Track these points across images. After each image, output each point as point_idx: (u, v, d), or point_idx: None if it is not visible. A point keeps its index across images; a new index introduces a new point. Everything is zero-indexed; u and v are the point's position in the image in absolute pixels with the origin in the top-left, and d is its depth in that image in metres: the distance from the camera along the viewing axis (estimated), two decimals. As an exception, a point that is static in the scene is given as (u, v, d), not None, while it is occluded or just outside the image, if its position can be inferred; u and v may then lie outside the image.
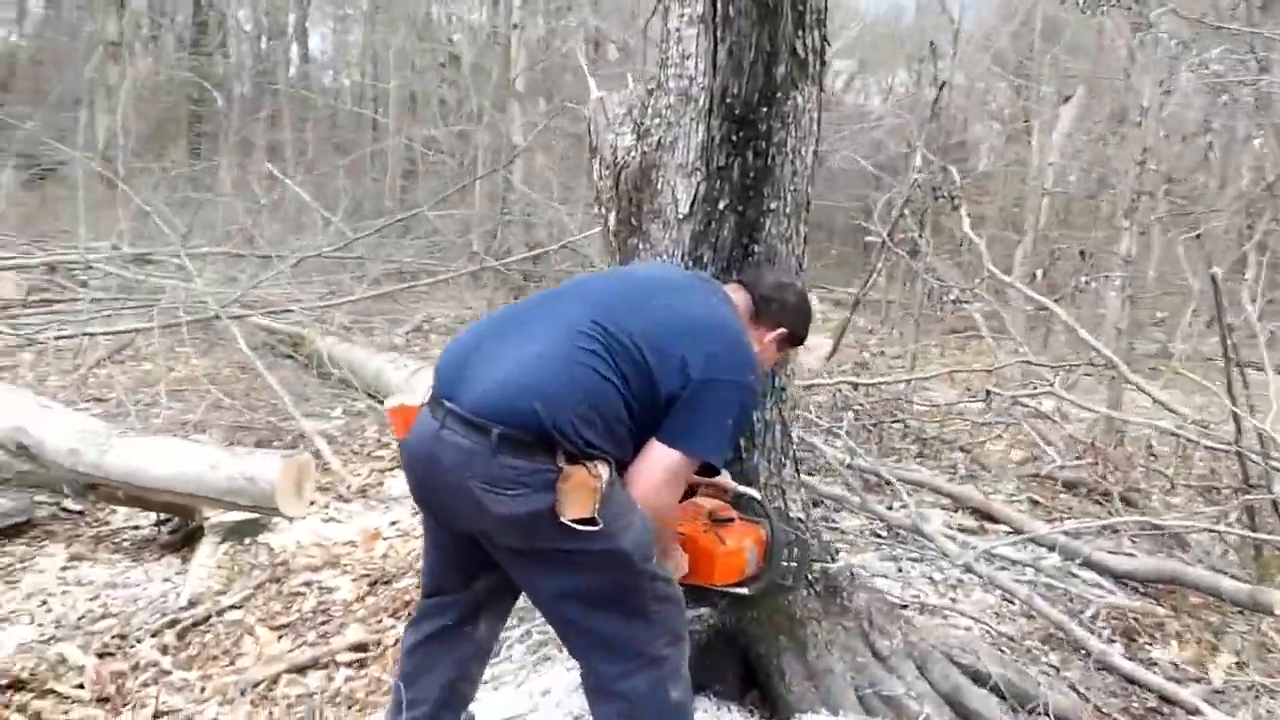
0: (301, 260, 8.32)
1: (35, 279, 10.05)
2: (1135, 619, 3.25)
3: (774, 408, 2.55)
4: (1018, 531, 3.81)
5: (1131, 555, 3.64)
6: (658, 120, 2.47)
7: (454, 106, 16.42)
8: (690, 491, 2.42)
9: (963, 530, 3.92)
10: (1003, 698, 2.55)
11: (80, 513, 4.14)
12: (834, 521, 3.88)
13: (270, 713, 2.64)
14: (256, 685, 2.76)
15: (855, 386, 4.94)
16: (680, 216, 2.43)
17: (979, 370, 5.61)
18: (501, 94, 12.73)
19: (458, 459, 1.82)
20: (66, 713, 2.60)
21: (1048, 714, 2.52)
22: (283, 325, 7.88)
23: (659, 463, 1.90)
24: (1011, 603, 3.31)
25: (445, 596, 2.13)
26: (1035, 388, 4.86)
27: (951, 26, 9.54)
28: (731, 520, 2.28)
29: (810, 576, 2.51)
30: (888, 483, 3.83)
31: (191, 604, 3.27)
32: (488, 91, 13.45)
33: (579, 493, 1.79)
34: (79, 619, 3.20)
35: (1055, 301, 5.06)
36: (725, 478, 2.40)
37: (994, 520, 4.03)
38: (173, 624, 3.13)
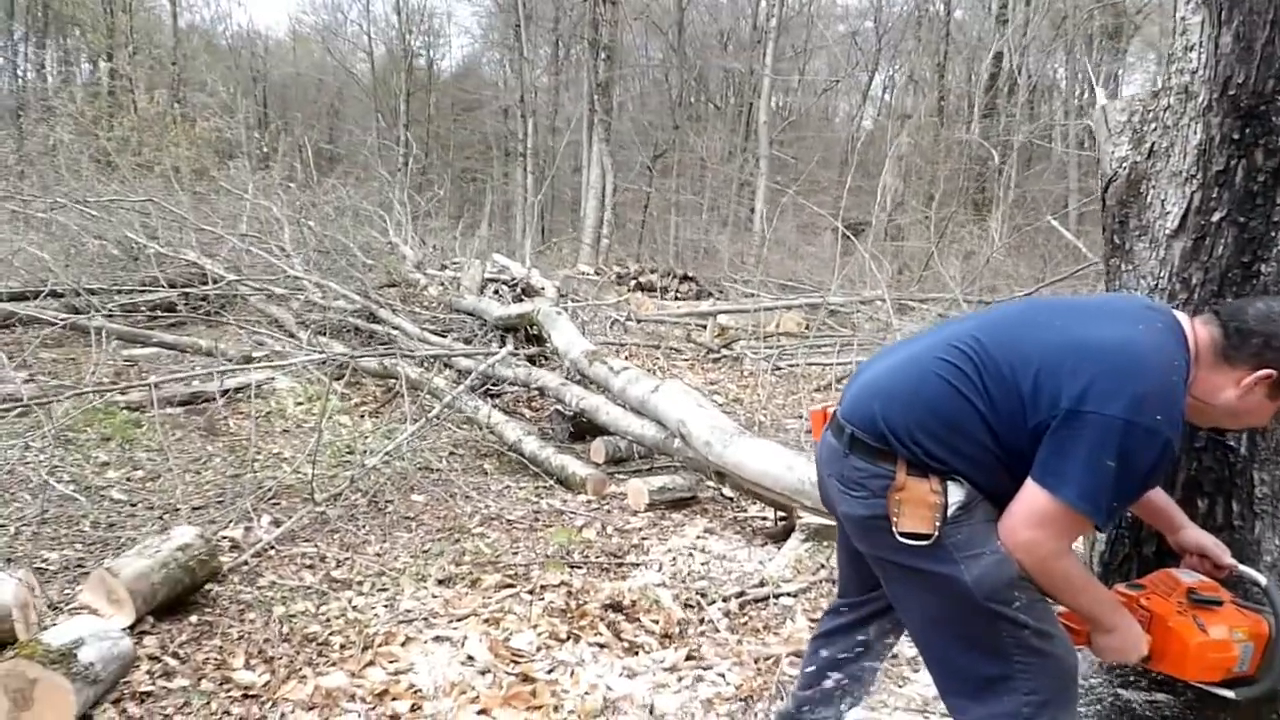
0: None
1: (815, 317, 12.02)
2: None
3: (1292, 469, 1.99)
4: None
5: None
6: (1154, 124, 2.17)
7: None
8: (1173, 561, 2.07)
9: None
10: None
11: (730, 499, 5.10)
12: None
13: (765, 680, 3.02)
14: (769, 658, 3.18)
15: None
16: (1169, 232, 2.10)
17: None
18: None
19: (827, 456, 1.98)
20: (635, 636, 3.37)
21: None
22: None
23: (1022, 500, 1.74)
24: None
25: (846, 599, 2.26)
26: None
27: None
28: (1220, 603, 1.89)
29: (1331, 699, 1.89)
30: None
31: (761, 584, 3.84)
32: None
33: (915, 506, 1.78)
34: (686, 575, 4.03)
35: None
36: (1221, 551, 1.99)
37: None
38: (739, 595, 3.74)
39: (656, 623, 3.49)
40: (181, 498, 4.43)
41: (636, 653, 3.25)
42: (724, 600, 3.71)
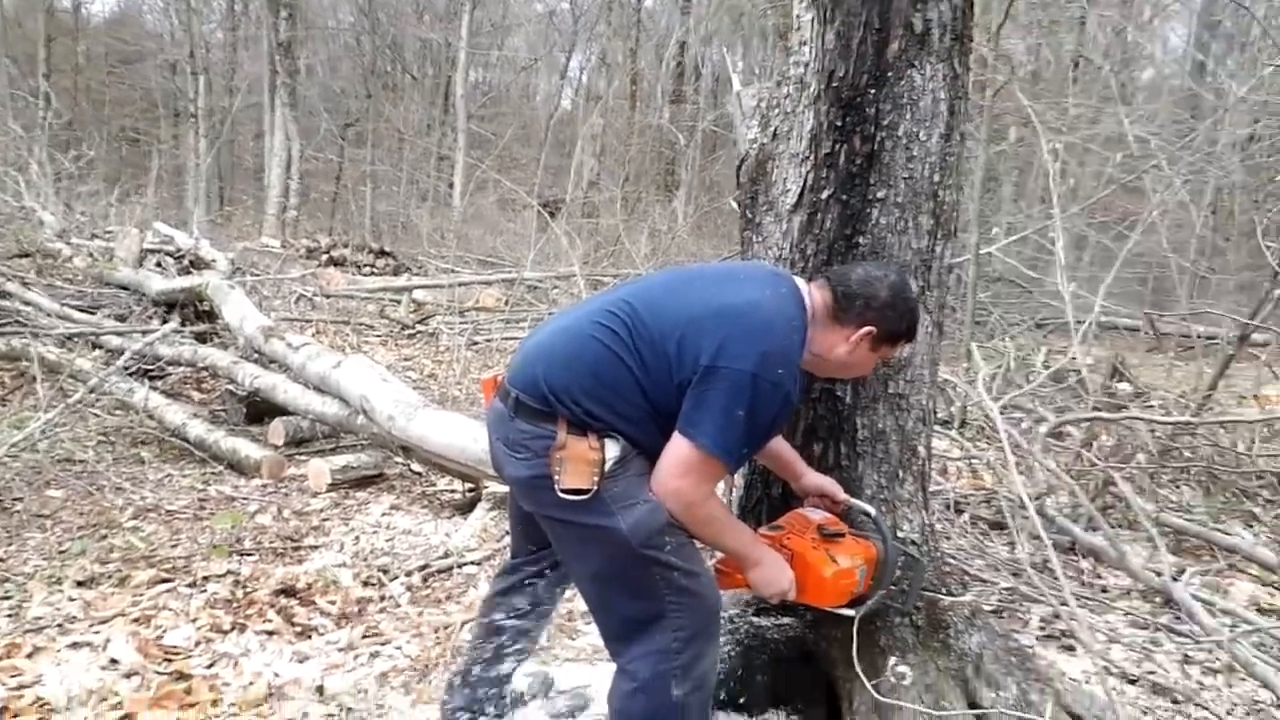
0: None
1: (513, 292, 12.00)
2: None
3: (887, 415, 2.32)
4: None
5: None
6: (777, 110, 2.41)
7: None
8: (797, 501, 2.32)
9: (1271, 612, 3.07)
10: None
11: (419, 474, 5.03)
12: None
13: (444, 649, 3.02)
14: (448, 627, 3.18)
15: (1161, 426, 4.01)
16: (789, 208, 2.35)
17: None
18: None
19: (494, 421, 2.01)
20: (310, 619, 3.23)
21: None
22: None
23: (670, 451, 1.88)
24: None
25: (517, 558, 2.33)
26: None
27: None
28: (842, 535, 2.14)
29: (913, 606, 2.24)
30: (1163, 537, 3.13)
31: (445, 555, 3.83)
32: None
33: (575, 464, 1.85)
34: (369, 553, 3.92)
35: None
36: (836, 489, 2.26)
37: (1333, 607, 3.08)
38: (423, 568, 3.71)
39: (334, 604, 3.37)
40: None
41: (310, 636, 3.13)
42: (406, 575, 3.65)
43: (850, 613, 2.13)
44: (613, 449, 1.87)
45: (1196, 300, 9.01)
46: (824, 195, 2.28)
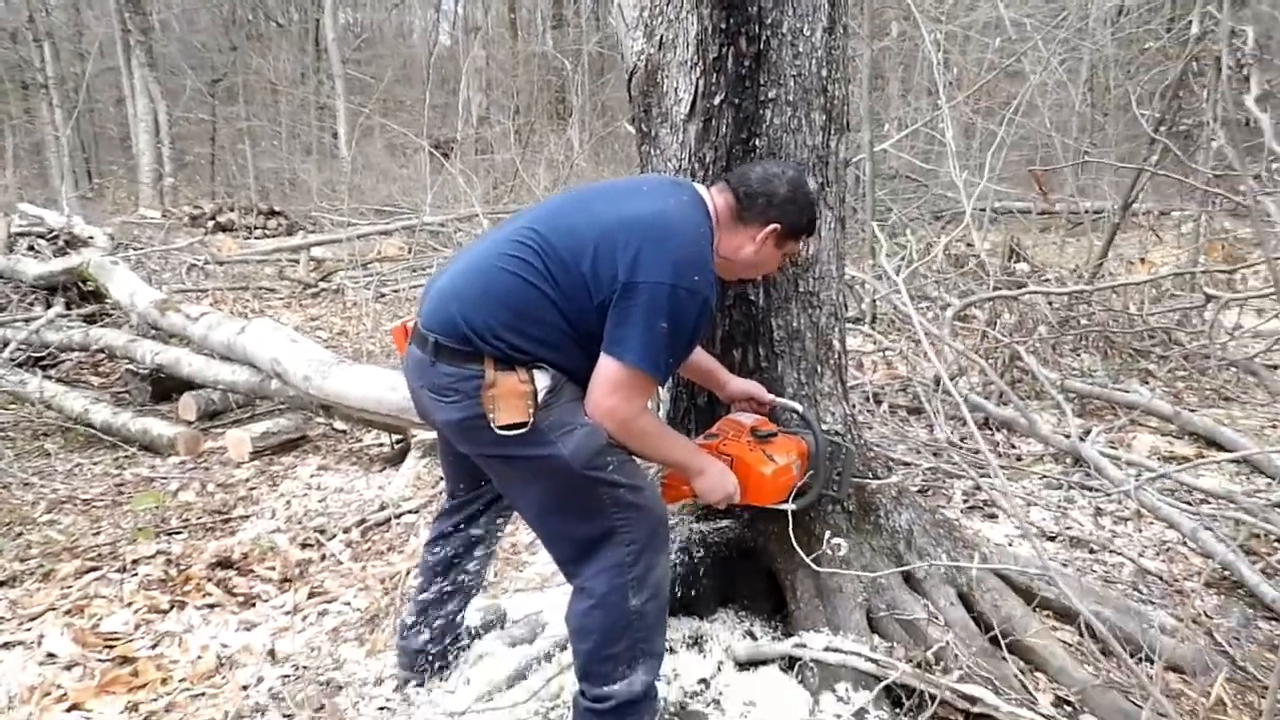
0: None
1: (415, 239, 11.65)
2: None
3: (800, 314, 2.36)
4: (1244, 461, 3.12)
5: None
6: (661, 18, 2.37)
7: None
8: (723, 408, 2.36)
9: (1171, 459, 3.29)
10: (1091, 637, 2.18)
11: (343, 432, 4.95)
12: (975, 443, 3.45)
13: (393, 598, 3.03)
14: (393, 576, 3.18)
15: (1057, 298, 4.22)
16: (683, 116, 2.34)
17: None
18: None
19: (414, 368, 1.97)
20: (251, 587, 3.19)
21: (1151, 660, 2.11)
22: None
23: (599, 372, 1.87)
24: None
25: (457, 500, 2.32)
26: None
27: None
28: (775, 435, 2.18)
29: (846, 493, 2.32)
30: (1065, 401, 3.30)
31: (382, 508, 3.81)
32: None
33: (509, 399, 1.84)
34: (303, 515, 3.87)
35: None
36: (760, 390, 2.30)
37: (1223, 450, 3.31)
38: (360, 523, 3.68)
39: (274, 569, 3.33)
40: None
41: (253, 604, 3.09)
42: (344, 531, 3.62)
43: (790, 507, 2.20)
44: (543, 379, 1.86)
45: (1082, 178, 9.34)
46: (716, 101, 2.27)
